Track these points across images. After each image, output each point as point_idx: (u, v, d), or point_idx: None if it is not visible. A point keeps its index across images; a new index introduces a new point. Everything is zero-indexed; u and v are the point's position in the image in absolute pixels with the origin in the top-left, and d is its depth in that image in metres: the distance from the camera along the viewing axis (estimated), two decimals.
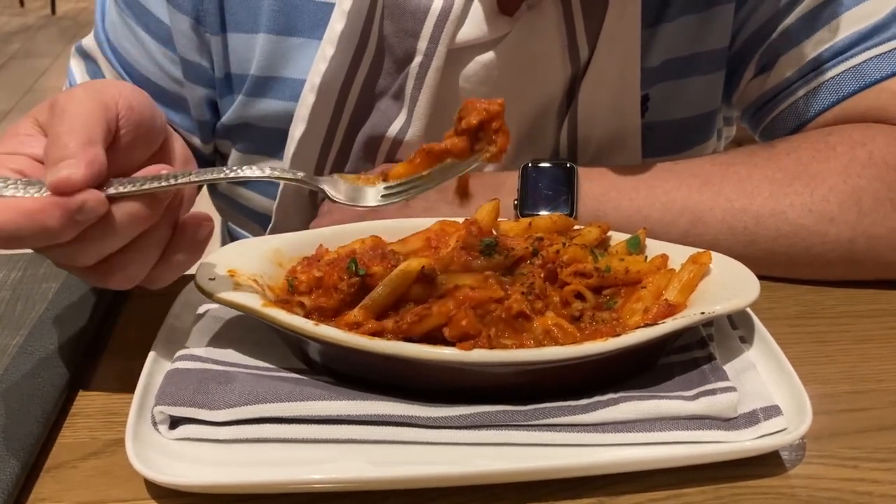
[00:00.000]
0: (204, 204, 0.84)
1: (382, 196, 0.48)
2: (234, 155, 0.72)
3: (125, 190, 0.43)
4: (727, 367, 0.48)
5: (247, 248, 0.54)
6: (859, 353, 0.54)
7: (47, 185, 0.41)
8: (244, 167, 0.47)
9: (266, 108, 0.68)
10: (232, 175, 0.46)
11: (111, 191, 0.43)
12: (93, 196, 0.41)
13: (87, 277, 0.46)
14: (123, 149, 0.45)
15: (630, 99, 0.67)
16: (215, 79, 0.69)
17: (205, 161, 0.75)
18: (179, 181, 0.44)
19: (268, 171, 0.47)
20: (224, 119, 0.70)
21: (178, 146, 0.50)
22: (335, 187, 0.48)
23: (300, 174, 0.48)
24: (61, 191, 0.40)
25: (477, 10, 0.63)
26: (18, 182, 0.42)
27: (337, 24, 0.63)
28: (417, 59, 0.64)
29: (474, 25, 0.63)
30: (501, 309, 0.46)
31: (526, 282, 0.48)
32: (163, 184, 0.44)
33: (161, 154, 0.48)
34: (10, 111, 3.83)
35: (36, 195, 0.41)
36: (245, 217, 0.78)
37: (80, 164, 0.41)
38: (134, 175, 0.45)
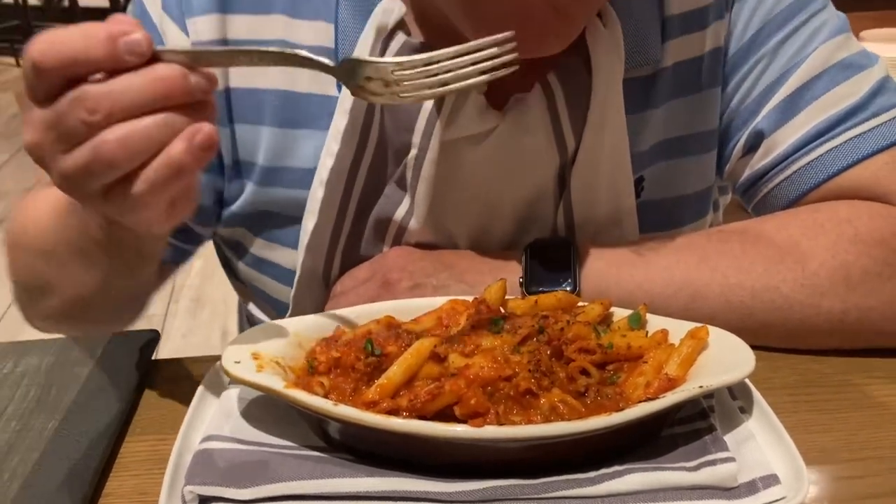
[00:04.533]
0: (227, 287, 0.88)
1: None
2: (256, 242, 0.75)
3: (174, 52, 0.46)
4: (727, 438, 0.50)
5: (269, 332, 0.57)
6: (857, 421, 0.56)
7: None
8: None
9: (277, 196, 0.72)
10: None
11: (172, 49, 0.46)
12: (144, 35, 0.44)
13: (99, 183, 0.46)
14: None
15: (623, 182, 0.70)
16: (224, 165, 0.72)
17: (183, 251, 0.78)
18: (261, 52, 0.49)
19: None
20: (235, 208, 0.74)
21: None
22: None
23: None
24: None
25: (467, 106, 0.66)
26: None
27: (340, 122, 0.67)
28: (413, 152, 0.68)
29: (465, 120, 0.67)
30: (510, 386, 0.49)
31: (533, 359, 0.51)
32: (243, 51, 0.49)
33: None
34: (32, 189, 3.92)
35: None
36: (263, 302, 0.81)
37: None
38: None
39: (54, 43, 0.44)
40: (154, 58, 0.45)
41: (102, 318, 0.73)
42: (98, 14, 6.52)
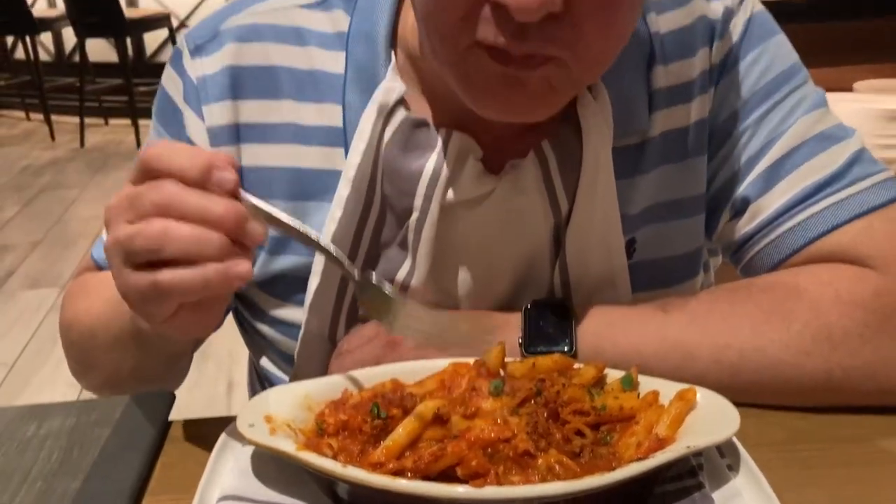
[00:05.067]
0: (232, 340, 0.91)
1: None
2: (267, 301, 0.79)
3: (270, 215, 0.56)
4: (715, 495, 0.53)
5: (280, 395, 0.60)
6: (843, 477, 0.59)
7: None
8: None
9: (287, 263, 0.76)
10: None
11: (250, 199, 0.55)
12: (234, 176, 0.54)
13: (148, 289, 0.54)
14: None
15: (615, 244, 0.74)
16: None
17: None
18: (315, 240, 0.57)
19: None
20: None
21: None
22: None
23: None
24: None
25: (466, 171, 0.70)
26: None
27: (343, 190, 0.71)
28: (415, 215, 0.72)
29: (463, 184, 0.71)
30: (509, 447, 0.52)
31: (531, 421, 0.54)
32: (302, 232, 0.57)
33: None
34: (41, 242, 3.98)
35: None
36: (274, 355, 0.84)
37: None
38: None
39: (163, 154, 0.54)
40: (233, 194, 0.54)
41: (143, 387, 0.78)
42: (109, 69, 6.62)
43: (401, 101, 0.71)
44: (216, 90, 0.73)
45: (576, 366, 0.62)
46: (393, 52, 0.72)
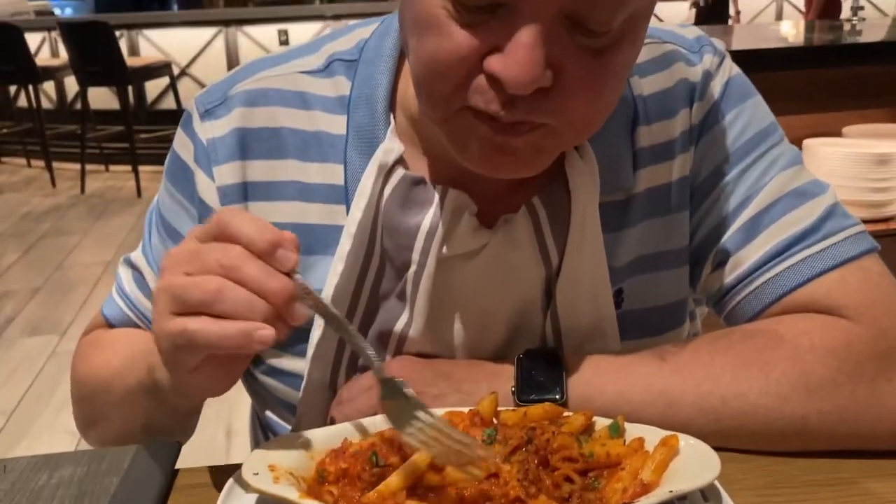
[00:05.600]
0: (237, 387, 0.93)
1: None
2: (269, 352, 0.82)
3: (317, 302, 0.60)
4: None
5: (282, 445, 0.63)
6: None
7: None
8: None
9: None
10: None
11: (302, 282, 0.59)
12: (295, 256, 0.59)
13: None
14: None
15: (603, 294, 0.77)
16: None
17: None
18: (349, 330, 0.61)
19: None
20: None
21: None
22: None
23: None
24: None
25: (461, 226, 0.74)
26: None
27: (345, 245, 0.74)
28: (413, 268, 0.75)
29: (459, 238, 0.74)
30: (501, 494, 0.55)
31: (522, 468, 0.57)
32: (342, 324, 0.61)
33: None
34: (41, 288, 4.00)
35: None
36: (276, 405, 0.87)
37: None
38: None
39: (236, 221, 0.59)
40: (289, 273, 0.59)
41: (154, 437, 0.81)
42: (110, 116, 6.72)
43: (399, 160, 0.75)
44: (225, 151, 0.77)
45: (565, 414, 0.65)
46: (392, 115, 0.77)
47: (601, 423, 0.64)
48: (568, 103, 0.61)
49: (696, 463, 0.58)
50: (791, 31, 3.83)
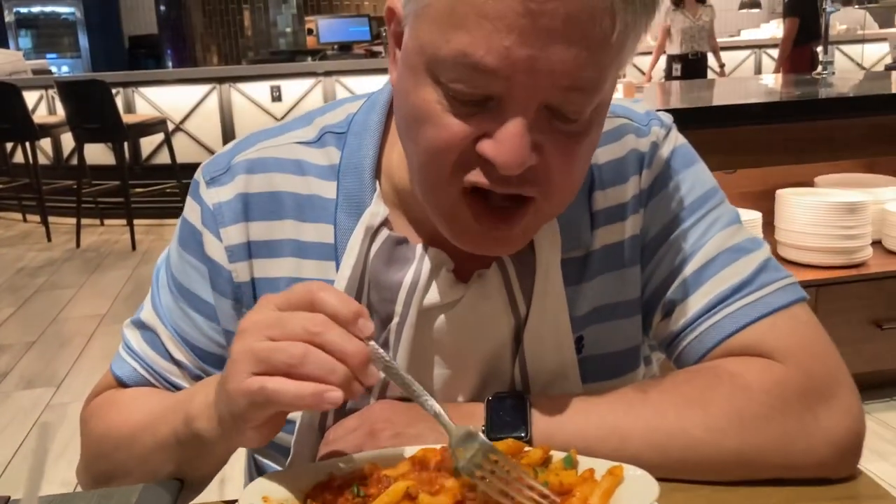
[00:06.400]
0: None
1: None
2: None
3: (388, 365, 0.68)
4: None
5: (276, 479, 0.71)
6: None
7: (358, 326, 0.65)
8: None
9: None
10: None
11: (376, 348, 0.67)
12: (373, 326, 0.66)
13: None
14: None
15: (565, 341, 0.86)
16: None
17: None
18: (415, 390, 0.69)
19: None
20: None
21: None
22: None
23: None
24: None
25: (440, 280, 0.83)
26: None
27: None
28: (396, 319, 0.84)
29: (437, 292, 0.83)
30: None
31: (486, 498, 0.65)
32: (410, 384, 0.69)
33: None
34: (36, 342, 4.05)
35: None
36: (268, 447, 0.94)
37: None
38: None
39: (322, 293, 0.66)
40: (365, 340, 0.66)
41: None
42: (105, 171, 6.78)
43: (384, 222, 0.84)
44: (231, 214, 0.86)
45: (525, 449, 0.73)
46: (378, 182, 0.86)
47: (557, 456, 0.72)
48: (550, 174, 0.71)
49: (639, 489, 0.66)
50: (767, 85, 3.99)
